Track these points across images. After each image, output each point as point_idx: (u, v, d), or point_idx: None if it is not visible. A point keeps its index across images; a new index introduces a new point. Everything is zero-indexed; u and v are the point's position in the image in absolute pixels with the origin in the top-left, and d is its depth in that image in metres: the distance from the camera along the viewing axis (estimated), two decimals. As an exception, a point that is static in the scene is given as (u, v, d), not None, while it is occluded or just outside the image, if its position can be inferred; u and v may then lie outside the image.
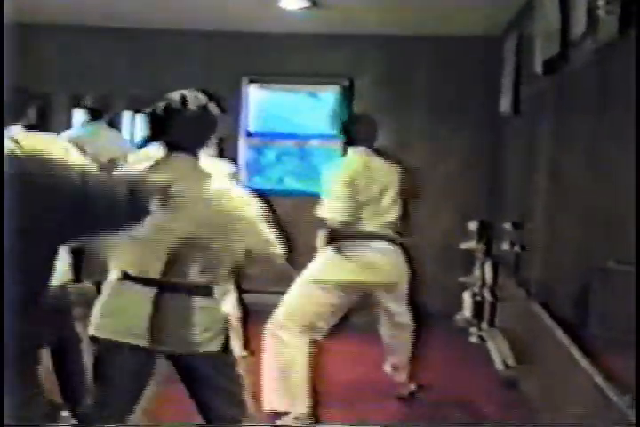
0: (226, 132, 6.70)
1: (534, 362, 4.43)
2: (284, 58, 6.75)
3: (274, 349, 4.05)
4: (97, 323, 2.72)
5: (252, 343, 4.56)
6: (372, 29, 6.49)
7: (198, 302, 2.70)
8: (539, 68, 4.43)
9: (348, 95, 6.89)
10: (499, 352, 5.18)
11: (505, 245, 5.38)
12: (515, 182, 5.85)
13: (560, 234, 4.36)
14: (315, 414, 4.00)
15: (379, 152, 4.34)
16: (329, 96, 6.95)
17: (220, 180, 2.78)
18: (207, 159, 4.65)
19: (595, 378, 3.12)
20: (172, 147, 2.74)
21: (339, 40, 6.70)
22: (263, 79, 6.94)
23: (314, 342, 4.05)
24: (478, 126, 6.69)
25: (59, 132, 4.59)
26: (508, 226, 5.38)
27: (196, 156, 2.77)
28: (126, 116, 6.51)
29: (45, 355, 3.24)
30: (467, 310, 6.04)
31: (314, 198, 6.76)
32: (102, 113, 5.75)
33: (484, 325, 5.90)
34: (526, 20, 5.21)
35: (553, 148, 4.52)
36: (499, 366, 5.00)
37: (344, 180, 4.14)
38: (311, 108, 6.97)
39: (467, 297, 6.05)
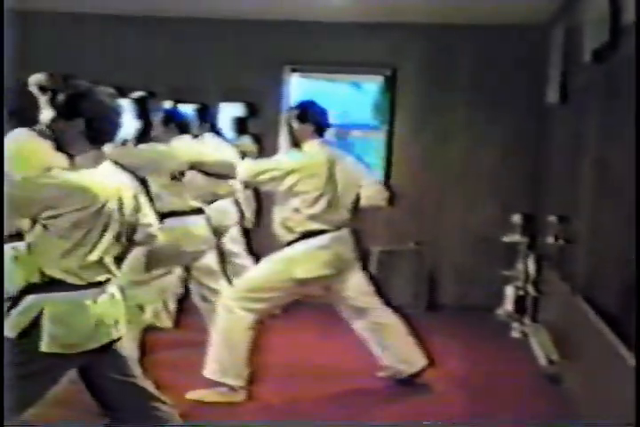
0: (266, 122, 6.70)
1: (579, 358, 4.34)
2: (327, 47, 6.70)
3: (222, 320, 4.19)
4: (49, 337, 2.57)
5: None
6: (416, 18, 6.41)
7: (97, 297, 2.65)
8: (587, 57, 4.33)
9: (390, 85, 6.82)
10: (542, 348, 5.09)
11: (549, 239, 5.29)
12: (560, 174, 5.74)
13: (606, 227, 4.25)
14: (249, 389, 4.17)
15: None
16: (372, 86, 6.89)
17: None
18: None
19: (641, 375, 3.04)
20: None
21: (382, 29, 6.63)
22: (305, 69, 6.90)
23: (259, 322, 4.22)
24: (522, 116, 6.58)
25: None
26: (552, 219, 5.28)
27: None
28: (168, 106, 6.49)
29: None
30: (509, 304, 5.94)
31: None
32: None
33: (527, 319, 5.80)
34: (574, 7, 5.10)
35: (600, 138, 4.41)
36: (542, 361, 4.91)
37: (290, 167, 4.19)
38: (353, 98, 6.91)
39: (509, 291, 5.95)
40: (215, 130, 5.38)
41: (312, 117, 4.29)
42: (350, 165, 4.40)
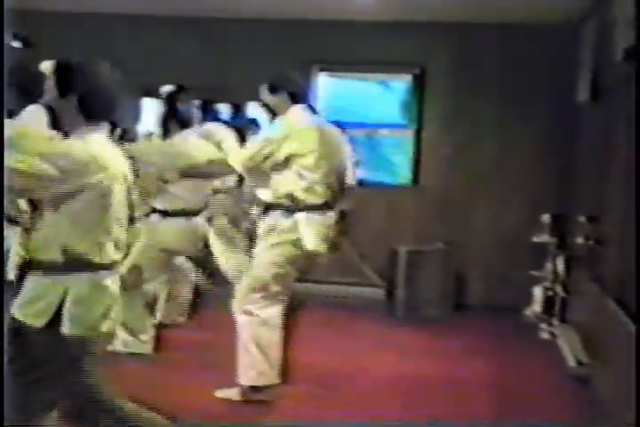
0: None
1: (608, 360, 4.30)
2: (355, 46, 6.69)
3: (246, 324, 3.99)
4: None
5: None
6: (445, 17, 6.39)
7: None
8: (619, 56, 4.29)
9: (419, 84, 6.80)
10: (571, 349, 5.05)
11: (579, 239, 5.24)
12: (590, 173, 5.68)
13: (637, 227, 4.21)
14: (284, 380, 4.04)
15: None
16: (399, 85, 6.87)
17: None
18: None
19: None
20: None
21: (410, 28, 6.61)
22: (333, 68, 6.90)
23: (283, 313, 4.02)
24: (551, 115, 6.54)
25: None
26: (582, 219, 5.24)
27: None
28: (197, 105, 6.51)
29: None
30: (537, 305, 5.91)
31: (382, 188, 6.73)
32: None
33: (555, 320, 5.76)
34: (605, 6, 5.05)
35: (631, 137, 4.36)
36: (571, 362, 4.87)
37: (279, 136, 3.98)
38: (381, 97, 6.89)
39: (537, 291, 5.91)
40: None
41: (281, 85, 4.15)
42: (339, 136, 4.21)
